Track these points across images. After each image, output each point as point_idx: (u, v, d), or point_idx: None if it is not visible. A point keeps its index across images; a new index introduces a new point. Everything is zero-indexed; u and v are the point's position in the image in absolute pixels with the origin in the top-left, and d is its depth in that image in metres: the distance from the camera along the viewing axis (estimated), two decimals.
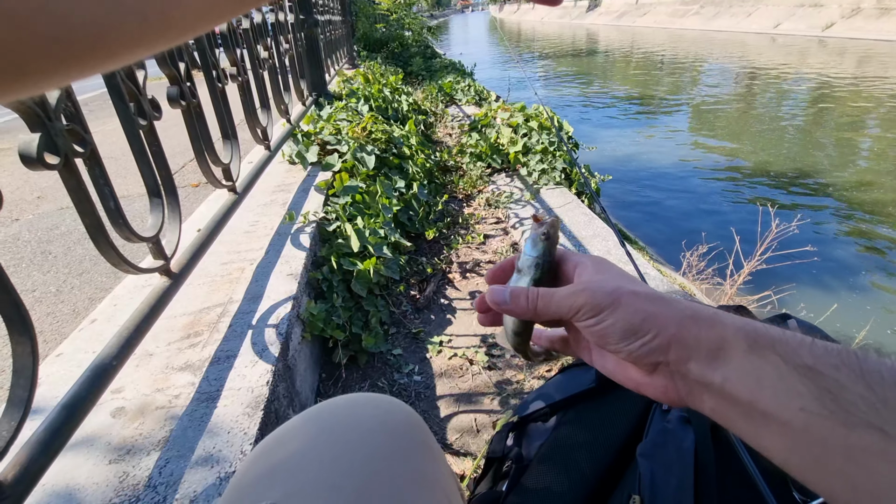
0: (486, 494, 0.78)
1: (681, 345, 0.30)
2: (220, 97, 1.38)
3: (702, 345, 0.29)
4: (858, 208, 3.93)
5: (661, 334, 0.31)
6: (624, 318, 0.32)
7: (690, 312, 0.31)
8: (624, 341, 0.32)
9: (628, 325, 0.32)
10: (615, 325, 0.33)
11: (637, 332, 0.32)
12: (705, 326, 0.30)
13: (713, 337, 0.29)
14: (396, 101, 3.40)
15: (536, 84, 9.87)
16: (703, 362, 0.29)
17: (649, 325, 0.31)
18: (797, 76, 10.20)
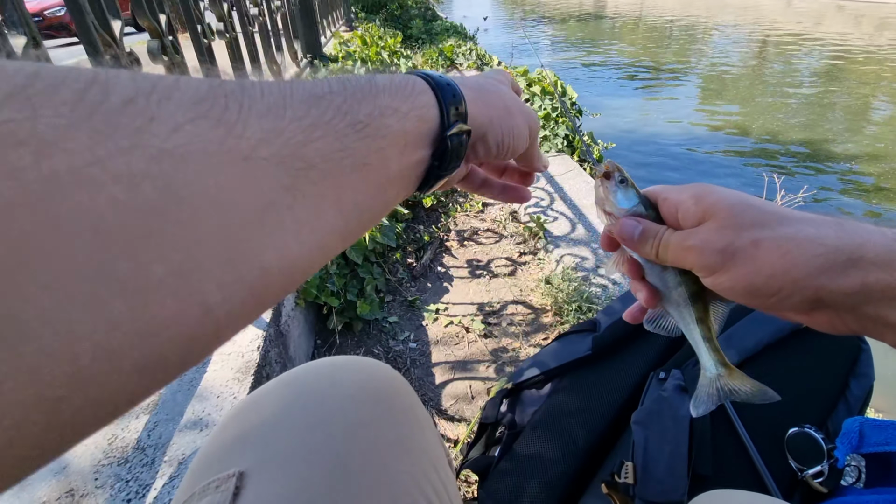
0: (479, 459, 0.78)
1: (838, 294, 0.26)
2: (207, 54, 1.31)
3: (872, 291, 0.25)
4: (866, 181, 3.85)
5: (799, 288, 0.27)
6: (744, 277, 0.28)
7: (840, 254, 0.26)
8: (753, 300, 0.29)
9: (750, 286, 0.28)
10: (735, 287, 0.29)
11: (764, 291, 0.28)
12: (873, 270, 0.26)
13: (889, 280, 0.25)
14: (395, 64, 3.29)
15: (540, 49, 9.55)
16: (879, 304, 0.26)
17: (778, 283, 0.27)
18: (811, 43, 9.85)
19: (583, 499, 0.67)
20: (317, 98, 0.23)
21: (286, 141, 0.20)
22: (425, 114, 0.28)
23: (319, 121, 0.22)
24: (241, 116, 0.19)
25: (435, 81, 0.29)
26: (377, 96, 0.25)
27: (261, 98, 0.20)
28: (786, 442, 0.63)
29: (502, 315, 1.43)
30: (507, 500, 0.68)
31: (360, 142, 0.24)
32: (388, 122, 0.25)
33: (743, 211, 0.29)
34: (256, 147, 0.19)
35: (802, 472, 0.60)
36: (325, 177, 0.22)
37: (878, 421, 0.61)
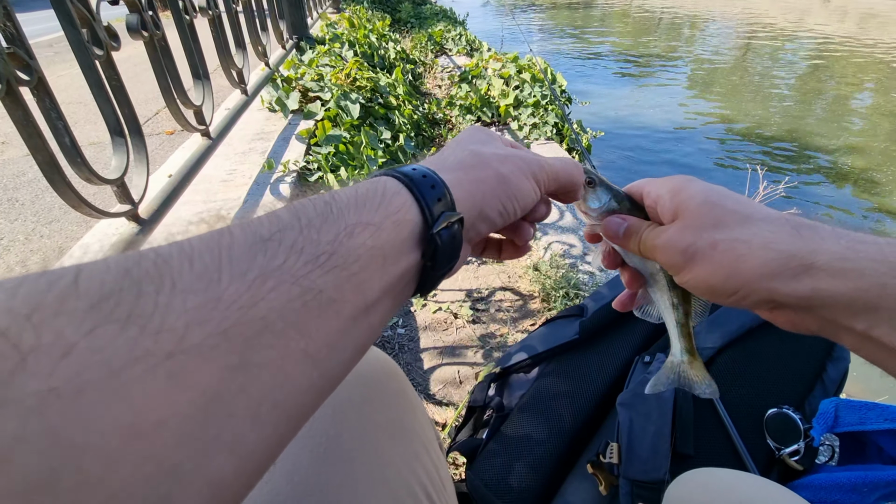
0: (467, 441, 0.78)
1: (791, 297, 0.27)
2: (189, 31, 1.27)
3: (824, 297, 0.26)
4: (846, 174, 3.94)
5: (754, 290, 0.28)
6: (703, 278, 0.29)
7: (793, 259, 0.27)
8: (715, 298, 0.30)
9: (709, 286, 0.29)
10: (698, 286, 0.30)
11: (722, 290, 0.29)
12: (823, 277, 0.26)
13: (841, 289, 0.25)
14: (383, 48, 3.23)
15: (530, 36, 9.49)
16: (834, 310, 0.26)
17: (734, 284, 0.28)
18: (796, 36, 9.96)
19: (569, 478, 0.69)
20: (263, 241, 0.20)
21: (226, 311, 0.17)
22: (403, 216, 0.25)
23: (269, 269, 0.19)
24: (161, 301, 0.16)
25: (409, 177, 0.26)
26: (340, 216, 0.23)
27: (189, 267, 0.17)
28: (765, 422, 0.64)
29: (490, 301, 1.44)
30: (495, 480, 0.69)
31: (326, 276, 0.21)
32: (358, 242, 0.23)
33: (707, 211, 0.31)
34: (184, 335, 0.16)
35: (780, 451, 0.63)
36: (284, 334, 0.19)
37: (852, 402, 0.63)
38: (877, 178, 3.85)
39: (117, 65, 0.92)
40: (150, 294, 0.16)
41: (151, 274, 0.16)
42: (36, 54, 0.69)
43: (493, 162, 0.31)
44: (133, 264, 0.17)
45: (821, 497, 0.58)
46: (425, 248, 0.26)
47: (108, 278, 0.16)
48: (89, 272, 0.16)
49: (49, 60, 4.32)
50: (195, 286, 0.17)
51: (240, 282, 0.18)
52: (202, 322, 0.16)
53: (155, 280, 0.16)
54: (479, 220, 0.29)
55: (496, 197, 0.30)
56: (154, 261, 0.17)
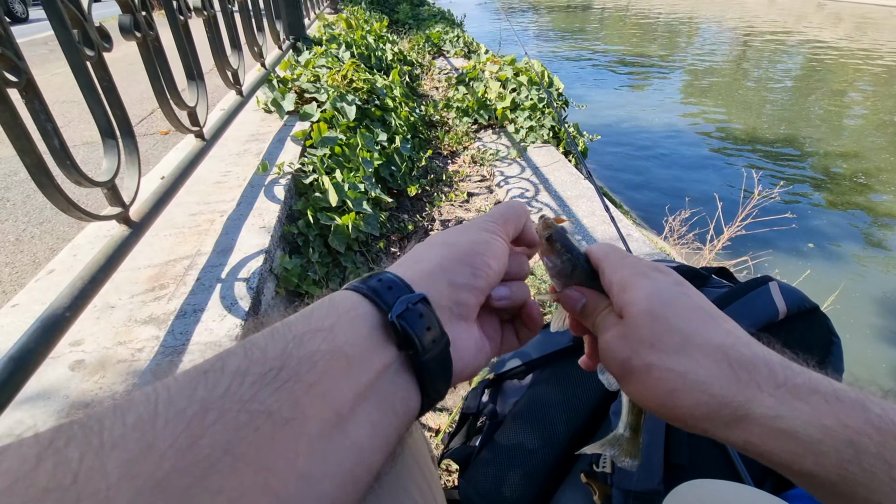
0: (460, 449, 0.78)
1: (723, 439, 0.26)
2: (183, 31, 1.26)
3: (759, 445, 0.24)
4: (840, 177, 3.97)
5: (687, 425, 0.27)
6: (640, 397, 0.29)
7: (724, 410, 0.25)
8: (658, 411, 0.28)
9: (646, 405, 0.29)
10: (638, 399, 0.29)
11: (660, 413, 0.28)
12: (759, 429, 0.24)
13: (779, 451, 0.24)
14: (380, 49, 3.22)
15: (527, 39, 9.50)
16: (775, 465, 0.25)
17: (670, 415, 0.27)
18: (792, 40, 10.03)
19: (562, 488, 0.68)
20: (202, 374, 0.19)
21: (160, 459, 0.16)
22: (356, 313, 0.24)
23: (210, 399, 0.18)
24: (84, 467, 0.15)
25: (354, 284, 0.26)
26: (287, 330, 0.22)
27: (121, 422, 0.16)
28: None
29: None
30: (487, 489, 0.69)
31: (278, 393, 0.19)
32: (311, 349, 0.21)
33: (648, 323, 0.28)
34: (108, 498, 0.14)
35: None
36: (234, 471, 0.17)
37: None
38: (871, 181, 3.88)
39: (112, 63, 0.91)
40: (72, 461, 0.15)
41: (78, 438, 0.15)
42: (31, 52, 0.68)
43: (437, 237, 0.31)
44: (62, 432, 0.16)
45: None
46: (397, 339, 0.24)
47: (30, 453, 0.15)
48: (15, 449, 0.15)
49: (44, 58, 4.29)
50: (125, 440, 0.16)
51: (176, 421, 0.17)
52: (131, 479, 0.15)
53: (80, 444, 0.15)
54: (453, 289, 0.28)
55: (457, 261, 0.29)
56: (84, 423, 0.16)
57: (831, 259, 2.98)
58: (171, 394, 0.18)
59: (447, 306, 0.27)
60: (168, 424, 0.17)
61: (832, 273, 2.83)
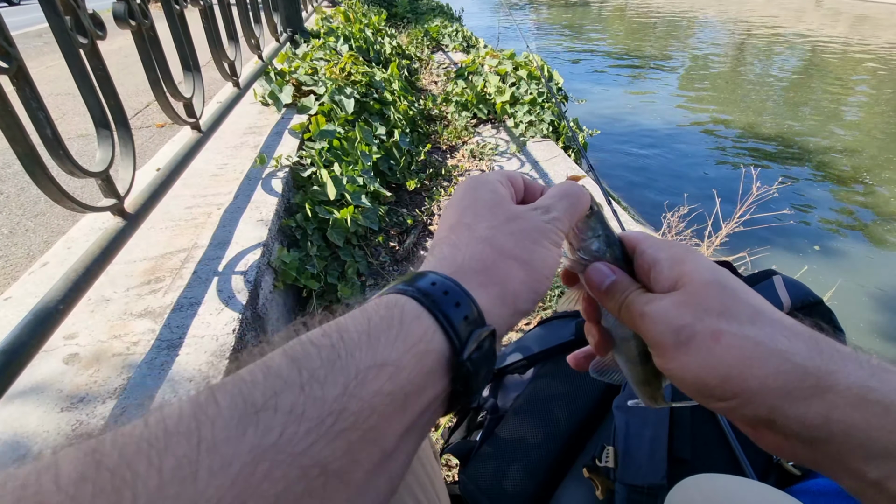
0: (460, 444, 0.77)
1: (794, 422, 0.22)
2: (179, 21, 1.24)
3: (837, 429, 0.21)
4: (838, 173, 3.97)
5: (752, 402, 0.23)
6: (694, 369, 0.24)
7: (805, 379, 0.22)
8: (699, 397, 0.25)
9: (699, 383, 0.24)
10: (684, 378, 0.25)
11: (714, 392, 0.24)
12: (839, 404, 0.22)
13: (859, 423, 0.21)
14: (379, 42, 3.20)
15: (527, 32, 9.46)
16: (844, 447, 0.22)
17: (732, 390, 0.23)
18: (790, 37, 10.02)
19: (564, 482, 0.67)
20: (254, 412, 0.17)
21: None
22: (426, 346, 0.21)
23: (261, 448, 0.16)
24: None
25: (428, 296, 0.23)
26: (350, 359, 0.19)
27: (157, 469, 0.15)
28: None
29: None
30: (488, 483, 0.68)
31: (333, 444, 0.18)
32: (373, 389, 0.19)
33: (716, 292, 0.26)
34: None
35: (777, 456, 0.62)
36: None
37: None
38: (868, 177, 3.88)
39: (107, 56, 0.89)
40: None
41: (107, 490, 0.14)
42: (25, 44, 0.66)
43: (512, 247, 0.27)
44: (87, 477, 0.14)
45: (818, 502, 0.57)
46: (455, 374, 0.22)
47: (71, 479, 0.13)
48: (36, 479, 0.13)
49: (38, 51, 4.24)
50: (163, 495, 0.14)
51: (222, 475, 0.15)
52: None
53: (111, 497, 0.14)
54: (513, 316, 0.26)
55: (525, 286, 0.26)
56: (113, 468, 0.14)
57: (829, 255, 2.99)
58: (215, 435, 0.16)
59: (501, 334, 0.26)
60: (212, 480, 0.15)
61: (829, 269, 2.84)
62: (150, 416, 0.17)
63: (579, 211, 0.31)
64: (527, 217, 0.29)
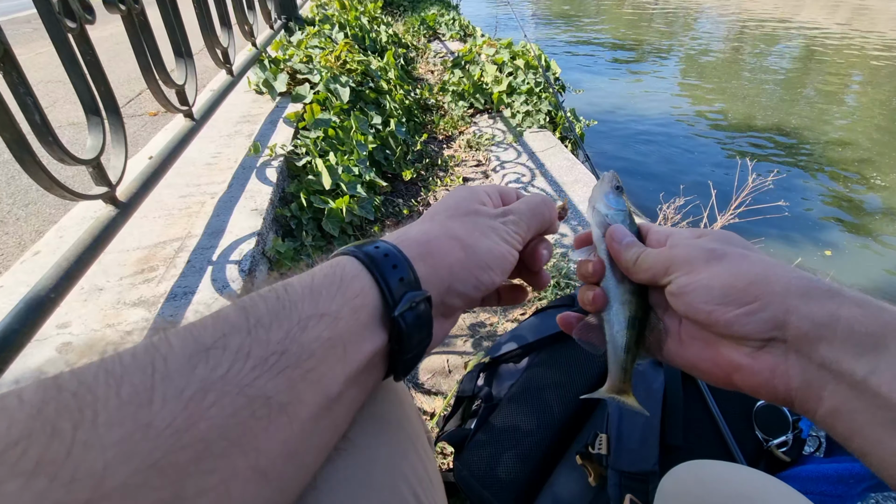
0: (455, 432, 0.78)
1: (806, 320, 0.24)
2: (171, 6, 1.21)
3: (840, 324, 0.24)
4: (833, 166, 3.98)
5: (773, 303, 0.25)
6: (724, 276, 0.27)
7: (821, 284, 0.25)
8: (723, 306, 0.27)
9: (729, 287, 0.27)
10: (713, 285, 0.27)
11: (740, 296, 0.26)
12: (847, 303, 0.24)
13: (860, 318, 0.23)
14: (375, 31, 3.16)
15: (525, 21, 9.37)
16: (840, 346, 0.23)
17: (756, 291, 0.26)
18: (789, 28, 9.98)
19: (557, 469, 0.68)
20: (204, 350, 0.18)
21: (156, 439, 0.15)
22: (363, 301, 0.24)
23: (209, 381, 0.17)
24: (78, 440, 0.14)
25: (369, 257, 0.25)
26: (293, 309, 0.21)
27: (115, 393, 0.15)
28: (754, 414, 0.64)
29: None
30: (482, 470, 0.69)
31: (277, 379, 0.19)
32: (313, 335, 0.21)
33: (737, 239, 0.31)
34: (103, 478, 0.14)
35: (768, 443, 0.62)
36: (227, 454, 0.17)
37: None
38: (865, 170, 3.90)
39: (97, 43, 0.88)
40: (65, 433, 0.14)
41: (70, 407, 0.15)
42: (13, 30, 0.65)
43: (459, 231, 0.29)
44: (50, 398, 0.15)
45: (807, 488, 0.58)
46: (390, 330, 0.25)
47: (19, 418, 0.14)
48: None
49: (27, 37, 4.16)
50: (121, 415, 0.15)
51: (175, 402, 0.16)
52: (127, 457, 0.15)
53: (74, 415, 0.15)
54: (449, 295, 0.28)
55: (466, 269, 0.28)
56: (74, 391, 0.15)
57: (823, 247, 3.00)
58: (168, 367, 0.17)
59: (437, 306, 0.28)
60: (166, 404, 0.16)
61: (823, 261, 2.86)
62: (105, 356, 0.18)
63: (542, 219, 0.34)
64: (484, 214, 0.32)
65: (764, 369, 0.26)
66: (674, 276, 0.30)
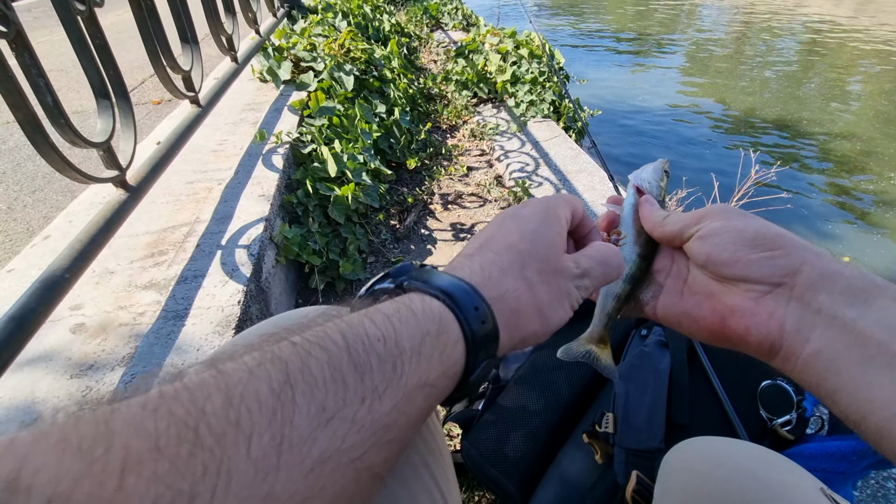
0: (462, 412, 0.79)
1: (816, 271, 0.29)
2: None
3: (841, 279, 0.28)
4: (836, 158, 3.97)
5: (792, 254, 0.30)
6: (755, 226, 0.31)
7: (831, 254, 0.30)
8: (751, 248, 0.31)
9: (759, 234, 0.31)
10: (746, 229, 0.32)
11: (766, 243, 0.30)
12: (850, 268, 0.29)
13: (859, 277, 0.28)
14: (378, 19, 3.14)
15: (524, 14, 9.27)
16: (838, 296, 0.28)
17: (782, 241, 0.30)
18: (793, 19, 9.88)
19: (564, 448, 0.69)
20: (326, 420, 0.18)
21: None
22: (454, 370, 0.24)
23: (329, 452, 0.18)
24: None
25: (470, 324, 0.25)
26: (404, 375, 0.21)
27: (245, 453, 0.16)
28: (759, 393, 0.65)
29: None
30: (490, 449, 0.70)
31: (381, 451, 0.20)
32: (415, 406, 0.22)
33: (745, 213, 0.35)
34: None
35: (772, 422, 0.63)
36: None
37: None
38: (868, 162, 3.88)
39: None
40: (202, 498, 0.15)
41: (208, 469, 0.15)
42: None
43: (544, 299, 0.29)
44: (187, 454, 0.15)
45: (811, 466, 0.59)
46: (457, 389, 0.26)
47: (159, 476, 0.14)
48: (137, 466, 0.14)
49: (28, 26, 4.11)
50: (250, 482, 0.16)
51: (297, 471, 0.17)
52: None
53: (210, 478, 0.15)
54: (509, 349, 0.29)
55: (534, 336, 0.29)
56: (211, 449, 0.15)
57: (825, 239, 3.00)
58: (293, 433, 0.17)
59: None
60: (291, 474, 0.17)
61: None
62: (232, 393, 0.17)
63: (608, 279, 0.34)
64: (567, 275, 0.31)
65: (763, 311, 0.30)
66: (706, 223, 0.33)
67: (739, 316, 0.31)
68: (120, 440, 0.15)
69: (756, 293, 0.31)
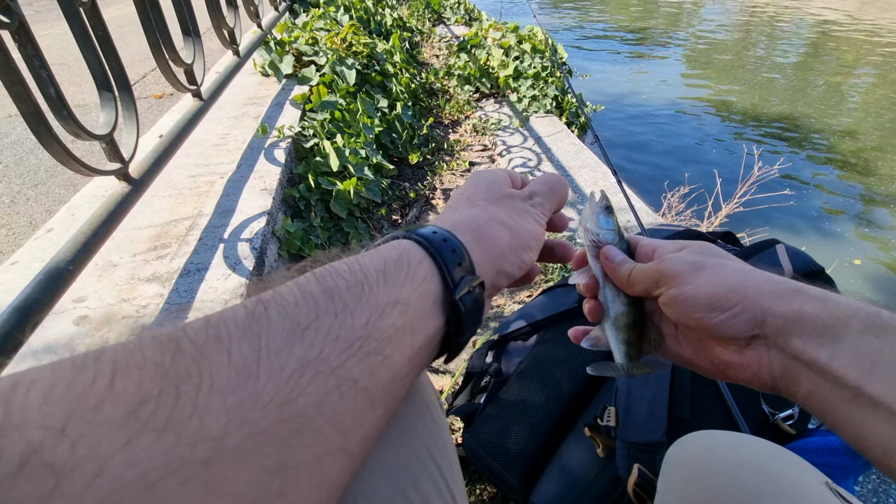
0: (464, 406, 0.79)
1: (779, 318, 0.28)
2: None
3: (805, 319, 0.27)
4: (840, 156, 3.95)
5: (751, 307, 0.29)
6: (707, 286, 0.30)
7: (788, 285, 0.29)
8: (709, 312, 0.30)
9: (712, 296, 0.30)
10: (698, 295, 0.31)
11: (722, 303, 0.30)
12: (811, 301, 0.28)
13: (821, 312, 0.27)
14: (380, 13, 3.12)
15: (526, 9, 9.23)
16: (808, 338, 0.27)
17: (736, 297, 0.29)
18: (797, 16, 9.81)
19: (566, 441, 0.69)
20: (301, 331, 0.19)
21: (264, 409, 0.17)
22: (427, 287, 0.25)
23: (307, 360, 0.19)
24: (199, 403, 0.15)
25: (430, 242, 0.26)
26: (372, 293, 0.23)
27: (227, 361, 0.17)
28: None
29: None
30: (492, 442, 0.70)
31: (361, 363, 0.21)
32: (389, 322, 0.22)
33: (714, 250, 0.34)
34: (222, 440, 0.15)
35: (774, 416, 0.64)
36: (322, 431, 0.18)
37: None
38: (870, 159, 3.87)
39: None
40: (188, 395, 0.15)
41: (191, 372, 0.16)
42: None
43: (503, 215, 0.32)
44: (170, 360, 0.16)
45: (813, 460, 0.59)
46: (449, 314, 0.26)
47: (146, 378, 0.15)
48: (125, 371, 0.15)
49: (29, 20, 4.10)
50: (233, 383, 0.16)
51: (278, 376, 0.18)
52: (240, 424, 0.16)
53: (194, 378, 0.16)
54: (498, 276, 0.30)
55: (513, 251, 0.30)
56: (193, 356, 0.16)
57: (827, 236, 3.00)
58: (270, 343, 0.18)
59: (488, 287, 0.29)
60: (271, 378, 0.17)
61: (827, 250, 2.85)
62: (210, 317, 0.19)
63: (559, 197, 0.37)
64: (517, 197, 0.34)
65: (751, 363, 0.30)
66: (664, 289, 0.32)
67: (734, 368, 0.31)
68: (109, 354, 0.16)
69: (736, 347, 0.30)
